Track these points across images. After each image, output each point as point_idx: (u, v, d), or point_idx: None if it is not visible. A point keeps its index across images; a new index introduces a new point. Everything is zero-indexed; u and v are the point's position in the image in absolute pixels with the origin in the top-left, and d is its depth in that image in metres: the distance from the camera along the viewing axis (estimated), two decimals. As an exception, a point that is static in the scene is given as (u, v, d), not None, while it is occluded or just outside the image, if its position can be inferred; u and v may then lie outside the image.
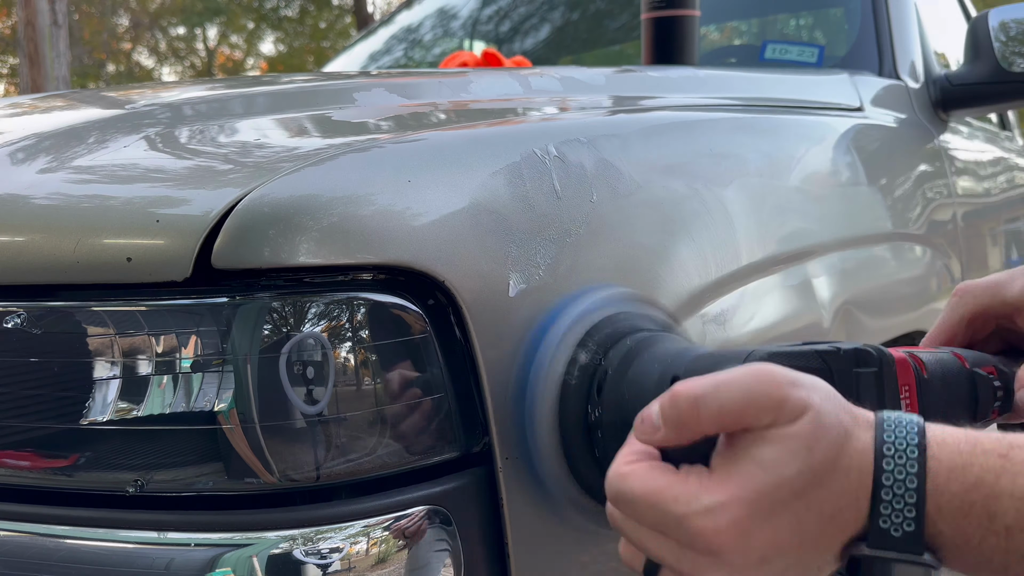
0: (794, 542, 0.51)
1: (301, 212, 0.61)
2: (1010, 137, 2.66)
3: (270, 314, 0.61)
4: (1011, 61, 1.72)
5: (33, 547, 0.63)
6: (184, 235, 0.60)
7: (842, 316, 1.15)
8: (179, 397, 0.61)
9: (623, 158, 0.87)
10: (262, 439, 0.60)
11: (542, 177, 0.77)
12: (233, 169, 0.70)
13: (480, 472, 0.67)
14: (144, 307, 0.62)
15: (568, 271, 0.75)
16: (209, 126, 0.86)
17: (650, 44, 1.57)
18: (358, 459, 0.62)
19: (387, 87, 1.05)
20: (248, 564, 0.59)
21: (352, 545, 0.61)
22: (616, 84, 1.25)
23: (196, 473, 0.62)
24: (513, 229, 0.72)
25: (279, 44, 22.84)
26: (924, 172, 1.66)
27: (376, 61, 2.52)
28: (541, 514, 0.71)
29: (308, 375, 0.61)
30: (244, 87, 1.06)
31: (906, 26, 1.85)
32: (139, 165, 0.73)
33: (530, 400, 0.69)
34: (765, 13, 2.20)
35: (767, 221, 1.06)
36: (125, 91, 1.12)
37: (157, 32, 22.76)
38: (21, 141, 0.80)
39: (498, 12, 2.45)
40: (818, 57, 1.81)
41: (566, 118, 0.98)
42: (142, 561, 0.60)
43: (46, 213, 0.68)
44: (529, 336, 0.70)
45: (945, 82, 1.82)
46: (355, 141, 0.75)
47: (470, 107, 1.00)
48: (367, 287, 0.64)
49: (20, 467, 0.65)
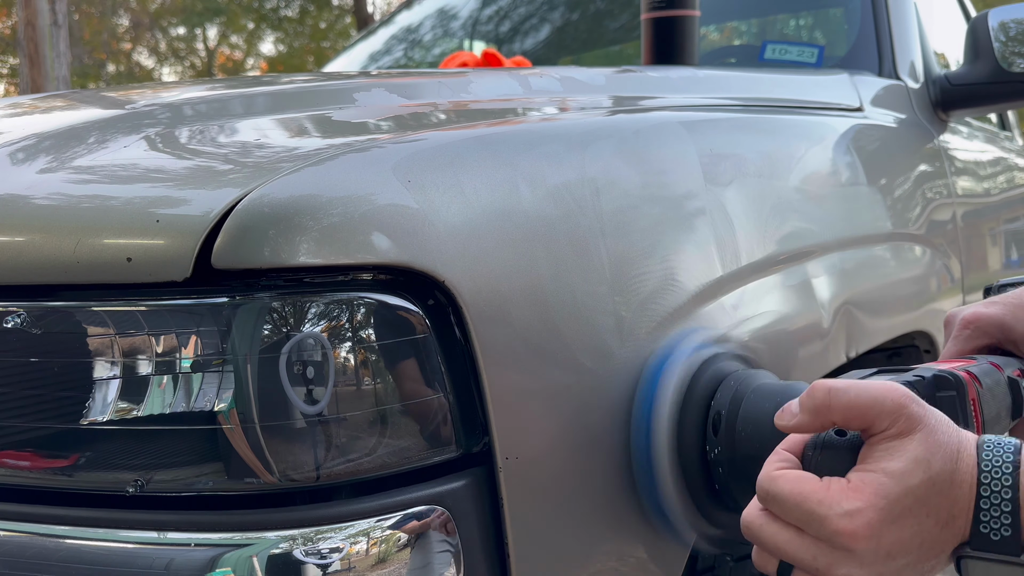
0: (915, 543, 0.60)
1: (301, 212, 0.61)
2: (1010, 137, 2.66)
3: (270, 314, 0.61)
4: (1011, 61, 1.72)
5: (33, 547, 0.63)
6: (184, 235, 0.60)
7: (842, 316, 1.15)
8: (179, 397, 0.61)
9: (624, 158, 0.87)
10: (262, 439, 0.60)
11: (543, 177, 0.77)
12: (233, 169, 0.70)
13: (480, 472, 0.67)
14: (144, 307, 0.62)
15: (569, 270, 0.75)
16: (209, 126, 0.86)
17: (650, 44, 1.57)
18: (358, 459, 0.62)
19: (387, 87, 1.05)
20: (248, 564, 0.59)
21: (352, 545, 0.61)
22: (616, 84, 1.25)
23: (196, 473, 0.62)
24: (513, 229, 0.72)
25: (279, 44, 22.84)
26: (924, 172, 1.66)
27: (376, 61, 2.52)
28: (541, 514, 0.71)
29: (308, 375, 0.61)
30: (244, 87, 1.06)
31: (906, 26, 1.85)
32: (139, 165, 0.73)
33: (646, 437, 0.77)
34: (765, 13, 2.20)
35: (767, 221, 1.06)
36: (125, 91, 1.12)
37: (157, 32, 22.75)
38: (21, 141, 0.80)
39: (498, 12, 2.45)
40: (818, 57, 1.81)
41: (567, 118, 0.98)
42: (142, 561, 0.60)
43: (46, 213, 0.68)
44: (642, 381, 0.78)
45: (945, 82, 1.82)
46: (355, 141, 0.75)
47: (470, 107, 1.00)
48: (367, 287, 0.64)
49: (20, 467, 0.65)
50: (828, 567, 0.61)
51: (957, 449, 0.60)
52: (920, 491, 0.59)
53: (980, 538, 0.59)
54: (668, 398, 0.78)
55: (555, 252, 0.74)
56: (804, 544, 0.61)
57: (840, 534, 0.59)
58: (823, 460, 0.63)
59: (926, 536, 0.60)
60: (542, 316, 0.72)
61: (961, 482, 0.60)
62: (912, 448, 0.60)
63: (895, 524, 0.60)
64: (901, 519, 0.60)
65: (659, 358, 0.79)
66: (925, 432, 0.61)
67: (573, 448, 0.74)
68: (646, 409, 0.77)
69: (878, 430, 0.61)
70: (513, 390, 0.69)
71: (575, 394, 0.74)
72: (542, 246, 0.73)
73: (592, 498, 0.76)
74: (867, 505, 0.59)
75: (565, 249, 0.75)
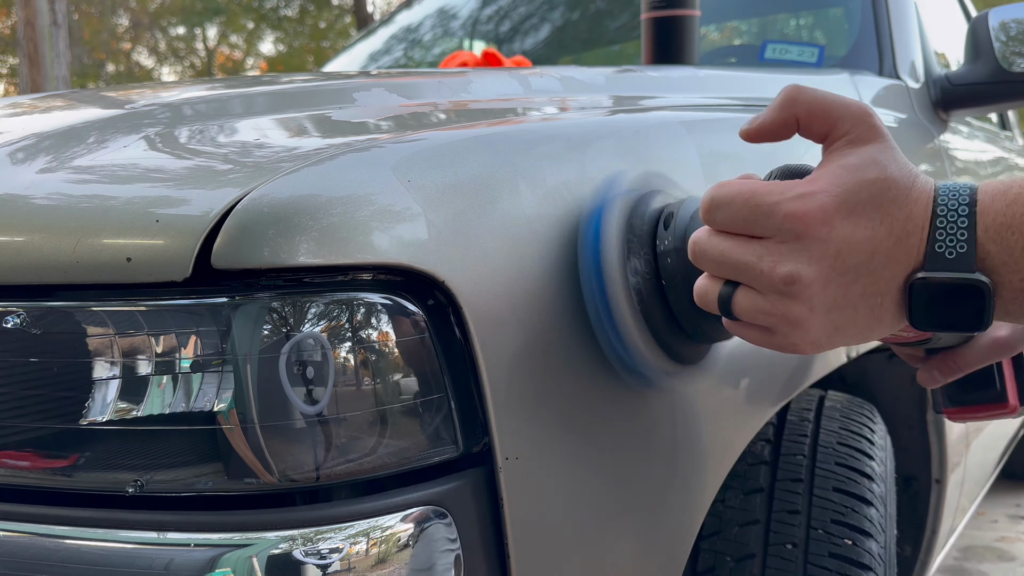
0: (867, 248, 0.58)
1: (301, 212, 0.61)
2: (1010, 137, 2.66)
3: (270, 314, 0.61)
4: (1011, 61, 1.72)
5: (33, 547, 0.63)
6: (184, 235, 0.60)
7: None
8: (179, 397, 0.61)
9: (624, 158, 0.87)
10: (262, 439, 0.60)
11: (543, 177, 0.77)
12: (233, 169, 0.70)
13: (480, 472, 0.67)
14: (144, 307, 0.62)
15: (569, 270, 0.75)
16: (209, 126, 0.86)
17: (650, 44, 1.57)
18: (358, 459, 0.62)
19: (387, 87, 1.05)
20: (248, 564, 0.59)
21: (352, 545, 0.61)
22: (616, 84, 1.25)
23: (196, 473, 0.62)
24: (514, 229, 0.72)
25: (279, 44, 22.83)
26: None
27: (376, 61, 2.52)
28: (541, 514, 0.71)
29: (308, 375, 0.61)
30: (244, 87, 1.06)
31: (906, 26, 1.85)
32: (139, 165, 0.73)
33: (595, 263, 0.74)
34: (765, 13, 2.20)
35: (767, 221, 1.05)
36: (125, 91, 1.12)
37: (157, 32, 22.75)
38: (21, 141, 0.80)
39: (498, 12, 2.45)
40: (818, 57, 1.81)
41: (567, 118, 0.98)
42: (142, 561, 0.60)
43: (46, 213, 0.67)
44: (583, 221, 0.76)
45: (945, 82, 1.82)
46: (355, 141, 0.75)
47: (470, 107, 1.00)
48: (367, 287, 0.64)
49: (20, 467, 0.65)
50: (773, 265, 0.58)
51: (915, 172, 0.60)
52: (875, 188, 0.58)
53: (935, 258, 0.57)
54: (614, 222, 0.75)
55: (555, 252, 0.74)
56: (749, 246, 0.59)
57: (791, 216, 0.57)
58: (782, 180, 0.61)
59: (878, 245, 0.58)
60: (542, 316, 0.72)
61: (917, 199, 0.58)
62: (870, 150, 0.59)
63: (848, 218, 0.57)
64: (854, 215, 0.57)
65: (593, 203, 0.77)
66: (885, 143, 0.60)
67: (574, 446, 0.74)
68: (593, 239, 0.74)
69: (839, 134, 0.60)
70: (513, 390, 0.69)
71: (575, 393, 0.74)
72: (542, 246, 0.73)
73: (592, 493, 0.76)
74: (821, 190, 0.58)
75: (565, 249, 0.75)
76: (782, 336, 0.61)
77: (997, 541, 3.00)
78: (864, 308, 0.59)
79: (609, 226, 0.74)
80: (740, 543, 1.00)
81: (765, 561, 0.99)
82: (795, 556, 0.99)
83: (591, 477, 0.75)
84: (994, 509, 3.28)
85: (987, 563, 2.81)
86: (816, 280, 0.58)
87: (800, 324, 0.59)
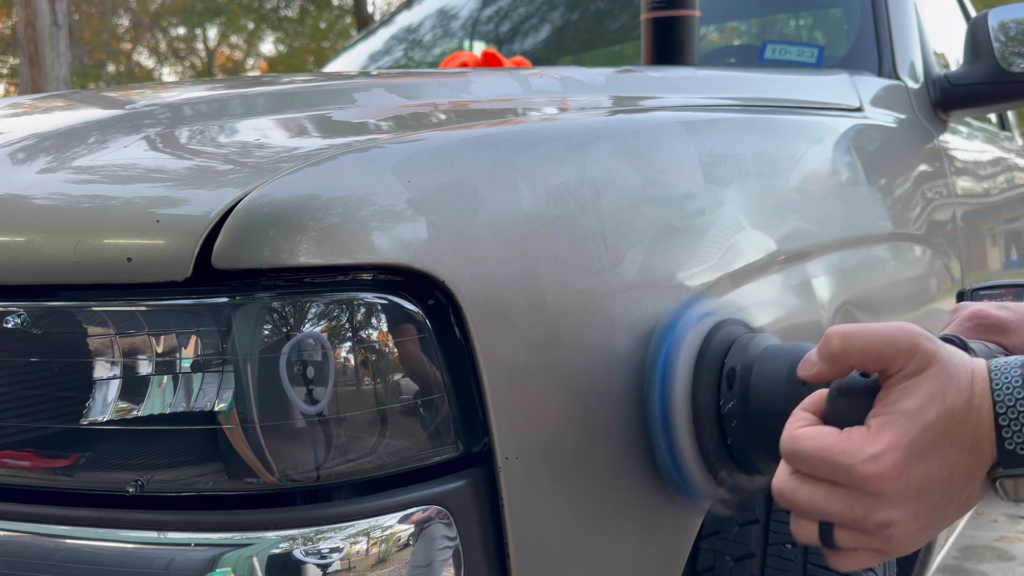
0: (943, 474, 0.62)
1: (301, 212, 0.61)
2: (1010, 137, 2.66)
3: (270, 314, 0.61)
4: (1011, 61, 1.72)
5: (33, 547, 0.63)
6: (184, 235, 0.60)
7: (842, 316, 1.15)
8: (179, 397, 0.61)
9: (624, 158, 0.87)
10: (262, 439, 0.60)
11: (543, 177, 0.77)
12: (233, 169, 0.70)
13: (480, 472, 0.67)
14: (144, 307, 0.62)
15: (569, 270, 0.75)
16: (209, 126, 0.86)
17: (650, 44, 1.57)
18: (358, 459, 0.63)
19: (387, 87, 1.05)
20: (248, 564, 0.59)
21: (352, 545, 0.61)
22: (616, 84, 1.25)
23: (196, 473, 0.62)
24: (513, 229, 0.72)
25: (279, 44, 22.82)
26: (924, 172, 1.66)
27: (376, 61, 2.52)
28: (541, 514, 0.71)
29: (308, 375, 0.61)
30: (244, 87, 1.06)
31: (906, 26, 1.85)
32: (139, 165, 0.73)
33: (663, 393, 0.78)
34: (765, 13, 2.20)
35: (766, 221, 1.06)
36: (125, 91, 1.12)
37: (157, 32, 22.75)
38: (21, 141, 0.80)
39: (498, 12, 2.45)
40: (818, 57, 1.81)
41: (567, 118, 0.98)
42: (142, 561, 0.61)
43: (46, 213, 0.68)
44: (653, 342, 0.80)
45: (945, 82, 1.82)
46: (355, 141, 0.75)
47: (470, 107, 1.00)
48: (367, 287, 0.64)
49: (20, 467, 0.65)
50: (865, 515, 0.62)
51: (971, 377, 0.62)
52: (938, 424, 0.61)
53: (1008, 455, 0.61)
54: (683, 355, 0.79)
55: (555, 252, 0.74)
56: (838, 496, 0.63)
57: (868, 479, 0.61)
58: (846, 406, 0.65)
59: (954, 466, 0.62)
60: (542, 316, 0.72)
61: (979, 407, 0.61)
62: (926, 384, 0.62)
63: (920, 460, 0.61)
64: (925, 455, 0.61)
65: (668, 323, 0.81)
66: (938, 367, 0.63)
67: (574, 446, 0.74)
68: (662, 367, 0.78)
69: (895, 370, 0.63)
70: (513, 390, 0.69)
71: (575, 393, 0.74)
72: (542, 246, 0.74)
73: (592, 493, 0.76)
74: (889, 447, 0.61)
75: (565, 249, 0.75)
76: (884, 554, 0.66)
77: (996, 541, 3.00)
78: (952, 509, 0.65)
79: (677, 363, 0.79)
80: (740, 542, 1.00)
81: (765, 561, 0.99)
82: (795, 556, 0.99)
83: (591, 477, 0.75)
84: (994, 509, 3.28)
85: (986, 563, 2.81)
86: (905, 517, 0.63)
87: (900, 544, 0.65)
